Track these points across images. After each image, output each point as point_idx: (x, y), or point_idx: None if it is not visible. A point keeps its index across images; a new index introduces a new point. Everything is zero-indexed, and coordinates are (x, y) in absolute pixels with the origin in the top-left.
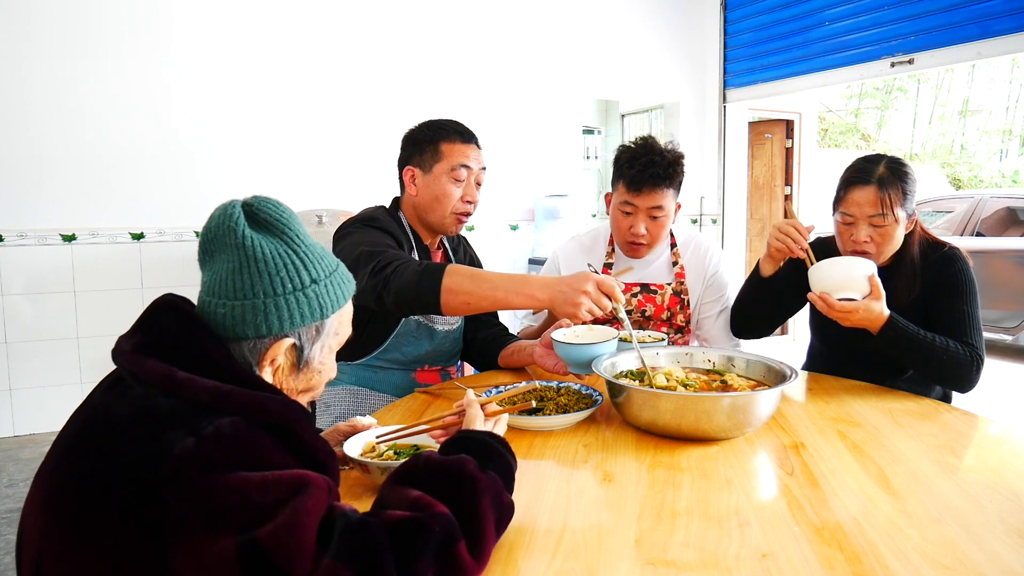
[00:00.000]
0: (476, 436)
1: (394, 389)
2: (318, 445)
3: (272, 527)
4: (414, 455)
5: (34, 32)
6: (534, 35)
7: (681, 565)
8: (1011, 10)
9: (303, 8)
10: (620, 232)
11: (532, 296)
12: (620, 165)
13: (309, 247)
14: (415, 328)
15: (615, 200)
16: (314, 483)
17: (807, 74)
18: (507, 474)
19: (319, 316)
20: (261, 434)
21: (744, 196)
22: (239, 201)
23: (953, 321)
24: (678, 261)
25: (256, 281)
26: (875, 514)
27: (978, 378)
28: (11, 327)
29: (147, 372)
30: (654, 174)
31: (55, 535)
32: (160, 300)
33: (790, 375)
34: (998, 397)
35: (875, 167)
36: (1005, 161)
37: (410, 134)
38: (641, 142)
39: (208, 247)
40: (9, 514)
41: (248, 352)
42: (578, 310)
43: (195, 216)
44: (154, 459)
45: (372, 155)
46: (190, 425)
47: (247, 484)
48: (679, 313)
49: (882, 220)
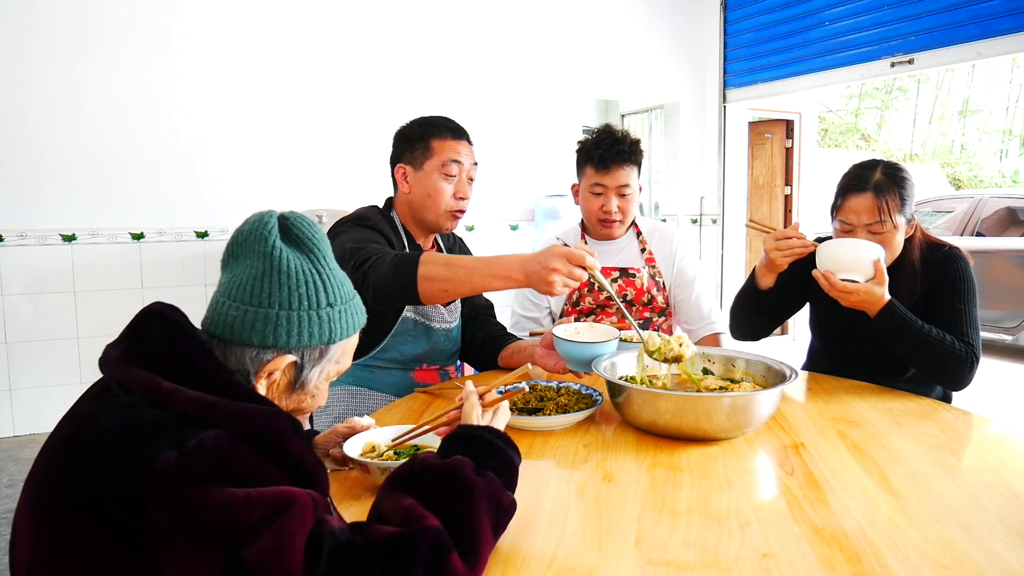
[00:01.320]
0: (474, 433)
1: (393, 389)
2: (305, 457)
3: (258, 549)
4: (411, 457)
5: (34, 32)
6: (534, 35)
7: (681, 565)
8: (1011, 10)
9: (305, 8)
10: (592, 213)
11: (508, 277)
12: (586, 151)
13: (332, 271)
14: (412, 327)
15: (584, 185)
16: (299, 501)
17: (807, 74)
18: (507, 471)
19: (326, 340)
20: (246, 447)
21: (744, 196)
22: (276, 212)
23: (951, 319)
24: (646, 247)
25: (275, 291)
26: (875, 514)
27: (972, 376)
28: (11, 327)
29: (133, 381)
30: (619, 151)
31: (44, 542)
32: (148, 308)
33: (790, 375)
34: (998, 397)
35: (871, 174)
36: (1005, 161)
37: (401, 131)
38: (602, 128)
39: (235, 249)
40: (9, 514)
41: (249, 360)
42: (552, 287)
43: (195, 216)
44: (138, 471)
45: (373, 155)
46: (174, 438)
47: (231, 500)
48: (658, 295)
49: (880, 227)
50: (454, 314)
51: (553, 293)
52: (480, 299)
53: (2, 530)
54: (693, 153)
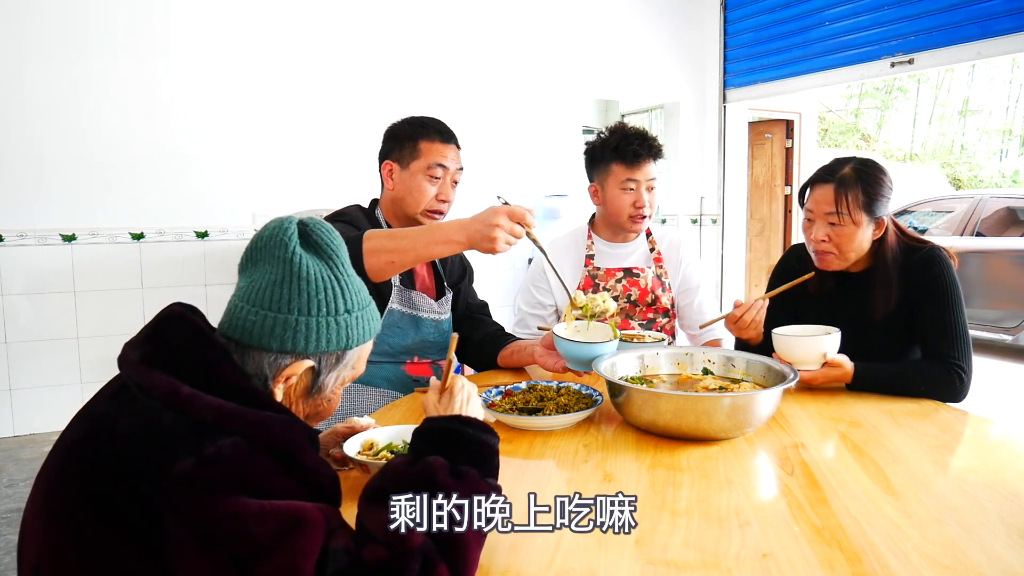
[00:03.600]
0: (440, 425)
1: (386, 383)
2: (320, 469)
3: (270, 567)
4: (383, 466)
5: (34, 32)
6: (534, 35)
7: (681, 565)
8: (1011, 10)
9: (306, 8)
10: (622, 210)
11: (451, 240)
12: (613, 148)
13: (350, 277)
14: (399, 318)
15: (611, 182)
16: (311, 519)
17: (807, 74)
18: (484, 459)
19: (344, 345)
20: (263, 457)
21: (744, 196)
22: (295, 218)
23: (936, 332)
24: (655, 247)
25: (294, 297)
26: (875, 514)
27: (965, 391)
28: (11, 327)
29: (153, 385)
30: (650, 146)
31: (55, 542)
32: (169, 310)
33: (790, 375)
34: (998, 397)
35: (842, 167)
36: (1005, 161)
37: (391, 129)
38: (618, 126)
39: (254, 255)
40: (9, 514)
41: (267, 365)
42: (495, 244)
43: (195, 216)
44: (155, 476)
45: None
46: (192, 444)
47: (244, 512)
48: (663, 296)
49: (837, 219)
50: (444, 306)
51: (495, 251)
52: (474, 297)
53: (2, 530)
54: (693, 153)
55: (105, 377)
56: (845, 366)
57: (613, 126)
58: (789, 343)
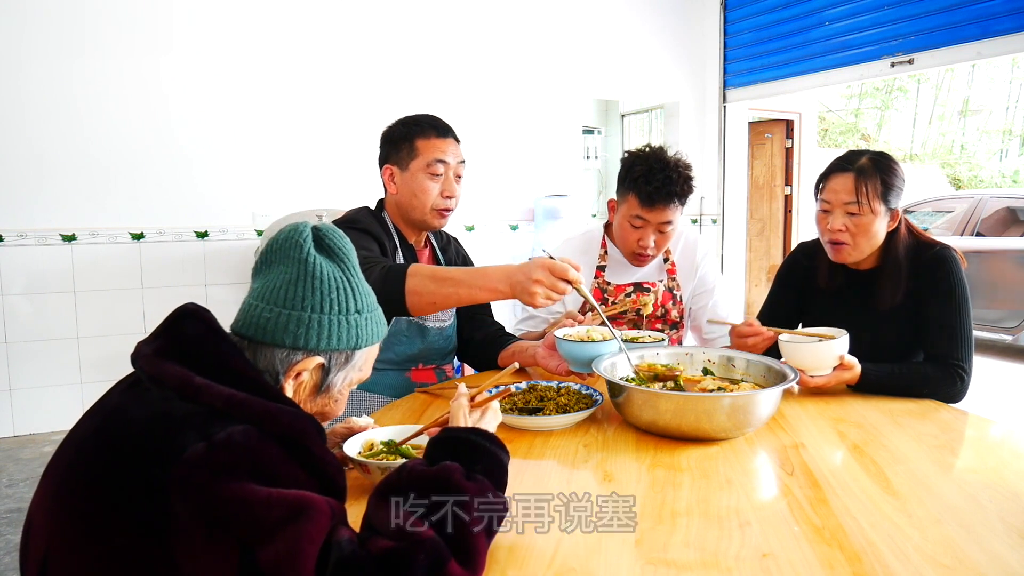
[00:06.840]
0: (460, 435)
1: (390, 390)
2: (327, 460)
3: (273, 551)
4: (399, 466)
5: (32, 32)
6: (534, 35)
7: (681, 565)
8: (1011, 10)
9: (306, 8)
10: (627, 243)
11: (494, 289)
12: (634, 178)
13: (361, 280)
14: (406, 327)
15: (624, 211)
16: (317, 507)
17: (807, 74)
18: (497, 472)
19: (353, 345)
20: (272, 445)
21: (744, 196)
22: (309, 223)
23: (941, 333)
24: (669, 258)
25: (308, 295)
26: (875, 514)
27: (964, 392)
28: (11, 327)
29: (165, 376)
30: (669, 192)
31: (65, 530)
32: (182, 308)
33: (790, 375)
34: (998, 397)
35: (859, 157)
36: (1005, 161)
37: (386, 132)
38: (654, 154)
39: (269, 257)
40: (9, 514)
41: (279, 361)
42: (534, 299)
43: (194, 216)
44: (166, 460)
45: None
46: (203, 430)
47: (252, 497)
48: (672, 309)
49: (857, 209)
50: (448, 313)
51: (536, 305)
52: None
53: (2, 530)
54: (693, 153)
55: (105, 377)
56: (856, 368)
57: (649, 151)
58: (800, 351)
